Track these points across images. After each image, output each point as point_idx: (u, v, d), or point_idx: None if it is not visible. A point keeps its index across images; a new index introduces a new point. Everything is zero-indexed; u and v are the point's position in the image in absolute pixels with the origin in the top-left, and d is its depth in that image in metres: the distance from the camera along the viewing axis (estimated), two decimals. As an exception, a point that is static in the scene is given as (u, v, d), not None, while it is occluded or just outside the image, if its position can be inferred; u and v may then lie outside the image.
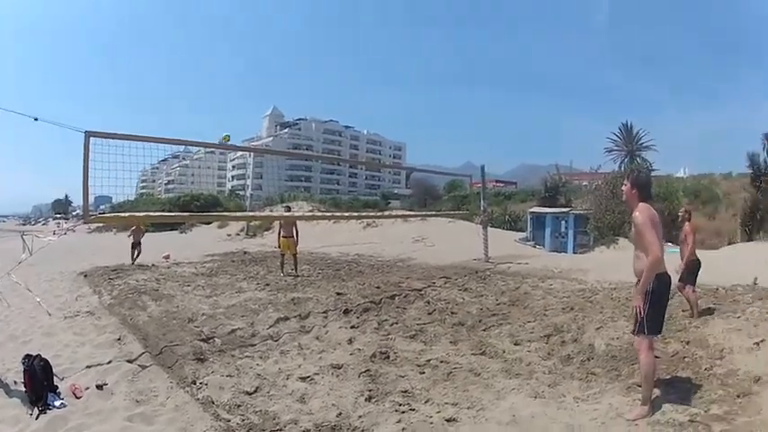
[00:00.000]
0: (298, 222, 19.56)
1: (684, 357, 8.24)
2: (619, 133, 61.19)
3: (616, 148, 59.99)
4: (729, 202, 54.13)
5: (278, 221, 22.33)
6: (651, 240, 6.13)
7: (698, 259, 11.52)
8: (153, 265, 21.58)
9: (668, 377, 7.44)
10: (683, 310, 11.03)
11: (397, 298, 13.15)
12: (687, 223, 11.82)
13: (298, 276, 17.67)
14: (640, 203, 6.56)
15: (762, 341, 8.45)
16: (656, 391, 6.82)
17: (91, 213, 10.66)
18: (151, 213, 24.67)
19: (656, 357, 7.54)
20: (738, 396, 6.62)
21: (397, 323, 10.85)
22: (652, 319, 6.26)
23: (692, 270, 11.34)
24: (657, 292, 6.25)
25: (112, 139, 9.52)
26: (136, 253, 23.34)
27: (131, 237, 24.49)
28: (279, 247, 19.26)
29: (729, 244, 32.02)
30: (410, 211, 52.16)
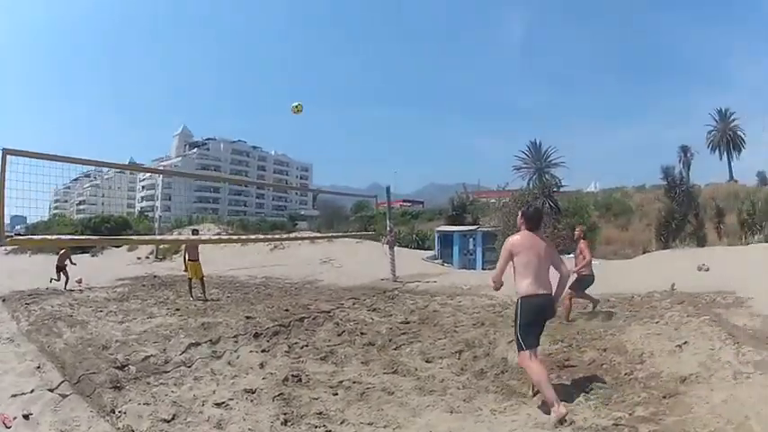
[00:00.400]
0: (201, 246, 19.40)
1: (602, 364, 8.30)
2: (527, 151, 62.08)
3: (524, 165, 60.76)
4: (643, 213, 55.46)
5: (184, 245, 21.96)
6: (498, 265, 7.34)
7: (592, 274, 12.40)
8: (67, 290, 21.05)
9: (588, 384, 7.44)
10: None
11: (306, 320, 12.91)
12: (582, 241, 12.81)
13: (207, 300, 17.29)
14: (523, 231, 7.40)
15: (684, 343, 8.57)
16: (578, 399, 6.86)
17: (8, 235, 10.37)
18: (62, 237, 24.19)
19: (572, 366, 8.24)
20: (665, 397, 6.65)
21: (307, 345, 10.67)
22: (524, 336, 6.87)
23: (582, 283, 12.23)
24: (524, 313, 6.95)
25: (30, 157, 9.27)
26: (63, 278, 22.24)
27: (58, 260, 23.00)
28: (186, 270, 18.66)
29: (644, 253, 32.58)
30: (317, 232, 52.15)
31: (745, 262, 19.83)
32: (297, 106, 13.33)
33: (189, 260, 18.20)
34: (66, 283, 21.82)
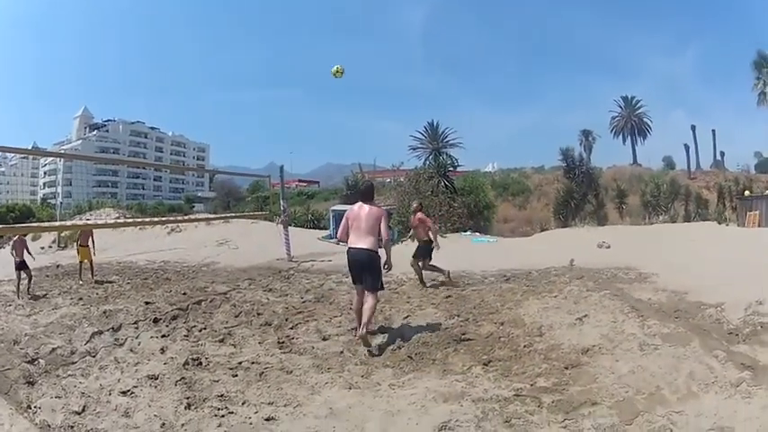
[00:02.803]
0: (96, 233, 19.21)
1: (500, 337, 8.30)
2: (424, 131, 62.41)
3: (421, 145, 61.08)
4: (541, 193, 56.61)
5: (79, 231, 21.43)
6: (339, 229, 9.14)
7: (430, 240, 13.64)
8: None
9: (485, 357, 7.44)
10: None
11: (203, 303, 12.68)
12: (418, 214, 14.10)
13: (101, 283, 17.11)
14: (358, 203, 9.01)
15: (585, 316, 8.68)
16: (476, 370, 6.88)
17: None
18: None
19: (469, 339, 8.37)
20: (567, 368, 6.66)
21: (205, 328, 10.47)
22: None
23: (422, 250, 13.70)
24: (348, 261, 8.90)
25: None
26: (27, 278, 16.27)
27: (15, 254, 16.52)
28: (78, 255, 18.44)
29: (543, 231, 33.04)
30: (213, 213, 51.70)
31: (648, 240, 20.28)
32: (338, 70, 13.02)
33: (80, 245, 18.27)
34: (29, 286, 19.51)
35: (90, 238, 18.37)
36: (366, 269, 8.66)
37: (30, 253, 16.83)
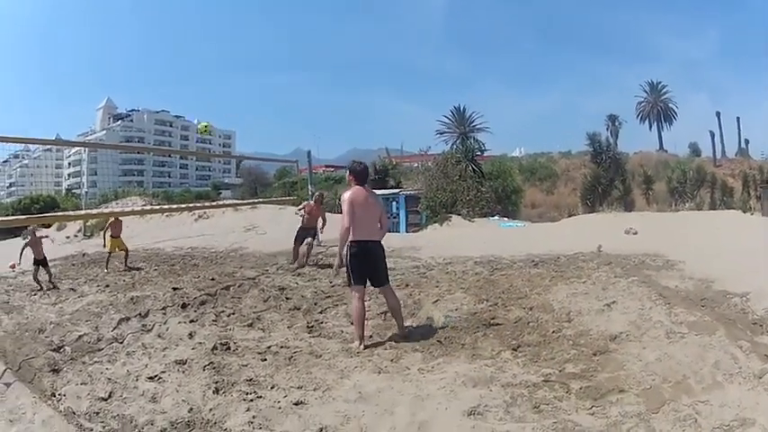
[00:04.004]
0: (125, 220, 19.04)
1: (529, 323, 8.31)
2: (451, 116, 62.09)
3: (448, 130, 60.90)
4: (568, 178, 56.16)
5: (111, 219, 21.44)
6: (344, 215, 8.00)
7: (313, 227, 15.87)
8: (0, 277, 20.34)
9: (514, 342, 7.46)
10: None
11: (231, 288, 12.73)
12: (315, 204, 16.20)
13: (131, 270, 17.34)
14: (355, 186, 8.25)
15: (613, 302, 8.63)
16: (505, 355, 6.89)
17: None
18: None
19: (498, 324, 8.26)
20: (595, 354, 6.67)
21: (234, 313, 10.53)
22: (354, 275, 8.11)
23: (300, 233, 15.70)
24: (355, 255, 8.07)
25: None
26: (47, 273, 15.09)
27: (33, 251, 15.11)
28: (108, 245, 18.45)
29: (570, 216, 32.87)
30: (240, 200, 51.67)
31: (675, 227, 20.07)
32: (205, 128, 13.15)
33: (112, 236, 18.34)
34: (50, 280, 18.56)
35: (120, 229, 18.54)
36: (382, 262, 8.47)
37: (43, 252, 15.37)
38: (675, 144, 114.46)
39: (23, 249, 15.37)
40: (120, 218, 19.22)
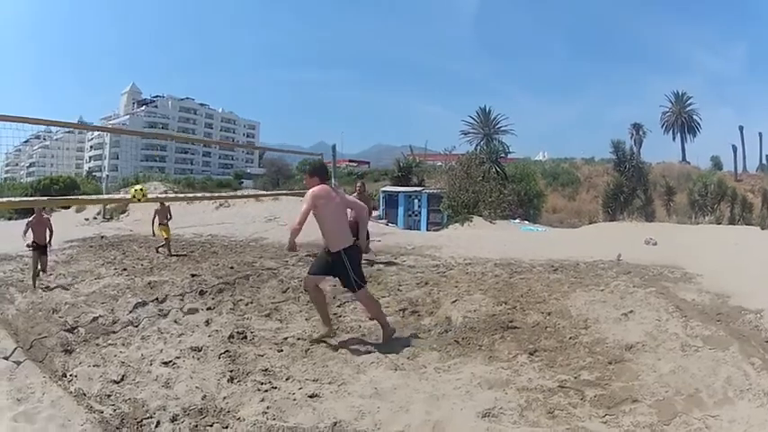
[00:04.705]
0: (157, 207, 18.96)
1: (546, 327, 8.31)
2: (476, 117, 61.87)
3: (472, 130, 60.74)
4: (590, 185, 55.97)
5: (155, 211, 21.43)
6: (300, 212, 7.79)
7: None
8: (17, 255, 20.40)
9: (531, 346, 7.45)
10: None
11: (250, 278, 12.80)
12: (358, 195, 15.64)
13: (173, 255, 17.52)
14: (319, 185, 7.89)
15: (630, 312, 8.65)
16: (522, 359, 6.89)
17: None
18: (13, 200, 22.74)
19: (516, 327, 8.25)
20: (610, 363, 6.68)
21: (252, 302, 10.55)
22: (315, 266, 8.33)
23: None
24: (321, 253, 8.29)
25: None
26: (42, 263, 13.57)
27: (34, 231, 13.57)
28: (155, 235, 19.05)
29: (591, 223, 32.84)
30: (263, 190, 51.59)
31: (694, 240, 20.01)
32: (141, 192, 12.86)
33: (160, 223, 18.65)
34: (38, 271, 17.29)
35: (167, 215, 18.89)
36: (350, 269, 8.06)
37: (50, 239, 13.82)
38: (698, 156, 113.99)
39: (27, 228, 13.58)
40: (166, 203, 19.34)
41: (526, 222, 31.82)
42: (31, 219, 13.96)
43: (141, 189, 12.10)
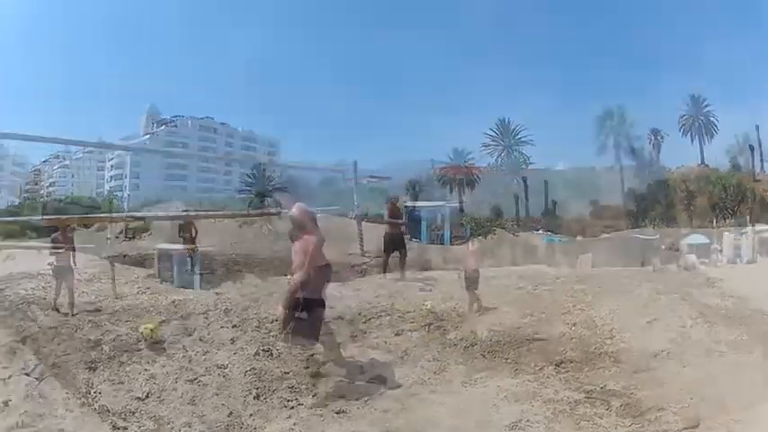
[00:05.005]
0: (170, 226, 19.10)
1: (572, 338, 8.31)
2: (496, 128, 61.91)
3: (492, 142, 60.71)
4: (611, 192, 55.79)
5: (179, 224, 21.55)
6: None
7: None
8: (39, 273, 20.43)
9: (557, 357, 7.47)
10: None
11: (275, 295, 12.47)
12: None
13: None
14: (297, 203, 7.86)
15: (654, 320, 8.61)
16: (548, 371, 6.93)
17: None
18: (33, 218, 22.83)
19: (542, 339, 8.24)
20: (636, 372, 6.69)
21: (277, 320, 10.37)
22: None
23: None
24: None
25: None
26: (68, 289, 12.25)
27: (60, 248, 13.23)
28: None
29: (612, 231, 32.76)
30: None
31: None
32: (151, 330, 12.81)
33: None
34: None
35: (192, 231, 19.30)
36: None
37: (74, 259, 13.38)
38: (716, 157, 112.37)
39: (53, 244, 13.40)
40: (193, 222, 19.74)
41: (549, 233, 31.78)
42: (56, 234, 14.06)
43: (152, 329, 11.73)
